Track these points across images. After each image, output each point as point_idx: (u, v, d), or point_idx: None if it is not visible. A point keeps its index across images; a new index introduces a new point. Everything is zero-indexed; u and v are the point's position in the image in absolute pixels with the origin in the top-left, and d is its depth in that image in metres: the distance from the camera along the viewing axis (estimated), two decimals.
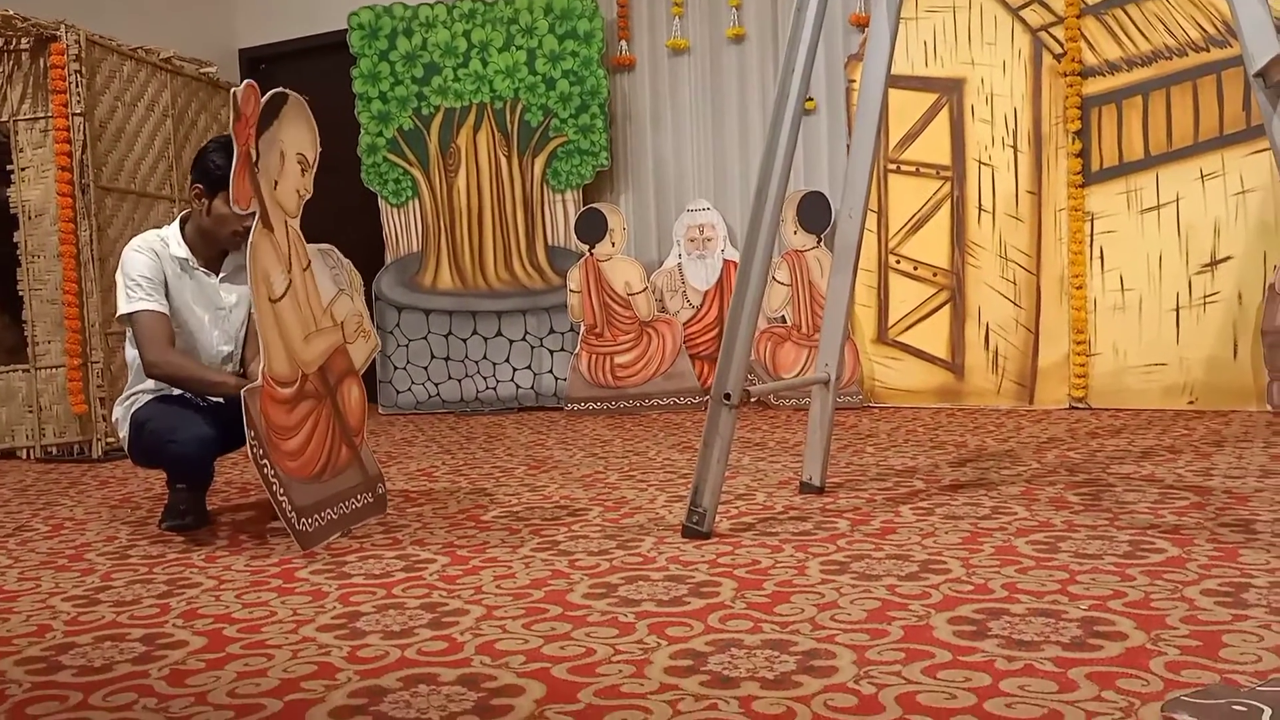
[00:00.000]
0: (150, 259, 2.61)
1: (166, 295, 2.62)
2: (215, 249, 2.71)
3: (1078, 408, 4.53)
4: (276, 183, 2.43)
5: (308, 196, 2.55)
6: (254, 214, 2.35)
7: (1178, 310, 4.39)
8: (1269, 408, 4.20)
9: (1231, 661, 1.42)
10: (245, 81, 2.33)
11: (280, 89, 2.42)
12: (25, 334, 4.31)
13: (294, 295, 2.47)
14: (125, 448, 2.75)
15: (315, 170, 2.56)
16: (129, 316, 2.59)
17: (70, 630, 1.81)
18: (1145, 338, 4.45)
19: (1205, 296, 4.34)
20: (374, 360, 5.45)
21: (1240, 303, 4.28)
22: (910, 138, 4.83)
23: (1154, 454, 3.26)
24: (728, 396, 2.31)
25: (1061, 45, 4.55)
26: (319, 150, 2.57)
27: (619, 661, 1.53)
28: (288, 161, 2.46)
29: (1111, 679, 1.37)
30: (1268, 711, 1.19)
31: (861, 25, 4.93)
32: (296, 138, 2.48)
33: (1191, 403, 4.36)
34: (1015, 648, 1.51)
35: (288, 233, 2.49)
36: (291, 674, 1.53)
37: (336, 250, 2.76)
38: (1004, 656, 1.47)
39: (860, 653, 1.52)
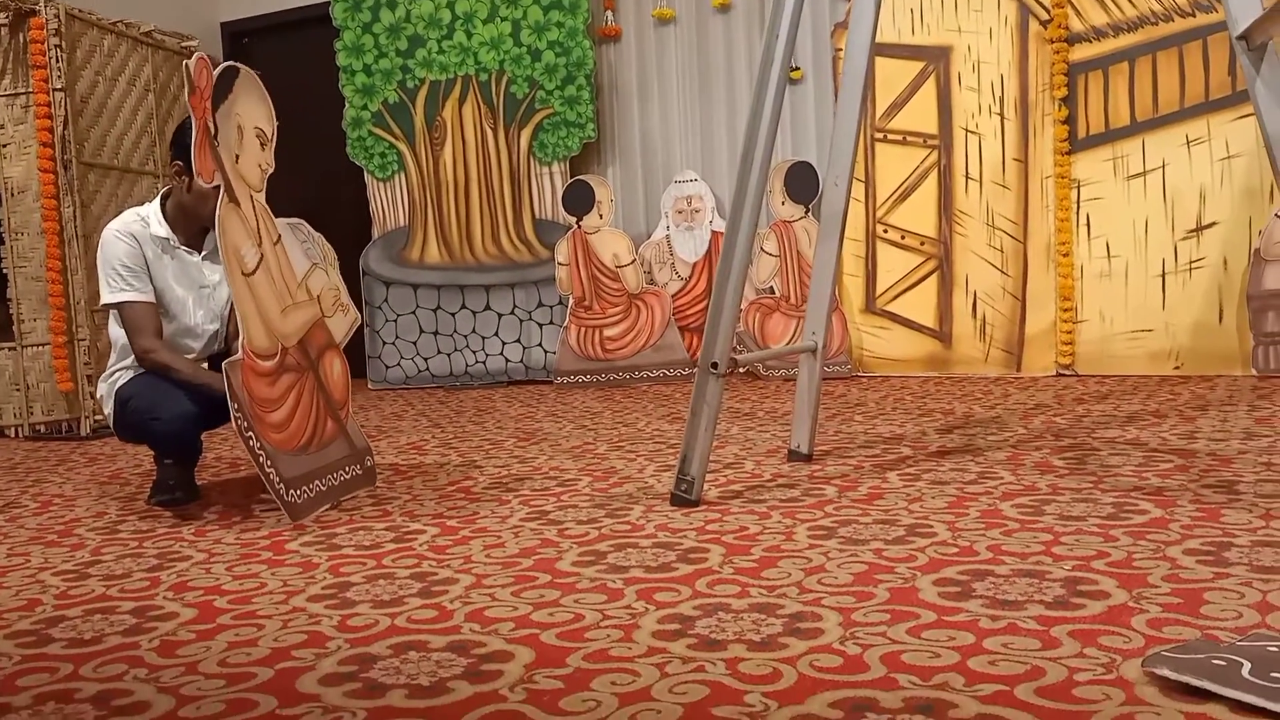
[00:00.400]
0: (129, 245, 2.58)
1: (149, 278, 2.61)
2: (196, 226, 2.68)
3: (1065, 374, 4.55)
4: (238, 156, 2.42)
5: (270, 170, 2.55)
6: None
7: (1164, 276, 4.40)
8: (1253, 372, 4.22)
9: (1213, 618, 1.44)
10: (196, 54, 2.32)
11: (231, 63, 2.41)
12: (10, 312, 4.29)
13: (266, 269, 2.47)
14: (110, 424, 2.74)
15: (274, 144, 2.56)
16: (114, 306, 2.59)
17: (60, 604, 1.82)
18: (1131, 304, 4.46)
19: (1191, 262, 4.35)
20: (363, 335, 5.51)
21: (1226, 268, 4.30)
22: (897, 106, 4.82)
23: (1139, 418, 3.28)
24: (714, 365, 2.32)
25: (1048, 11, 4.54)
26: (275, 124, 2.56)
27: (607, 626, 1.54)
28: (246, 135, 2.46)
29: (1094, 636, 1.39)
30: (1247, 665, 1.21)
31: None
32: (252, 112, 2.48)
33: (1177, 368, 4.39)
34: (999, 607, 1.53)
35: (254, 207, 2.48)
36: (282, 643, 1.54)
37: (306, 224, 2.75)
38: (988, 616, 1.49)
39: (846, 614, 1.53)
